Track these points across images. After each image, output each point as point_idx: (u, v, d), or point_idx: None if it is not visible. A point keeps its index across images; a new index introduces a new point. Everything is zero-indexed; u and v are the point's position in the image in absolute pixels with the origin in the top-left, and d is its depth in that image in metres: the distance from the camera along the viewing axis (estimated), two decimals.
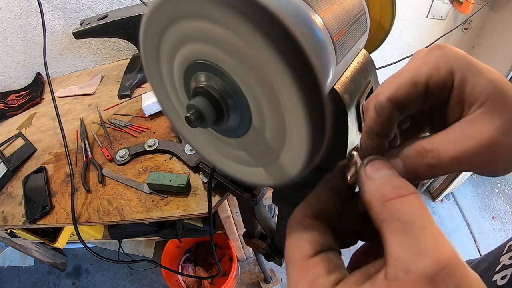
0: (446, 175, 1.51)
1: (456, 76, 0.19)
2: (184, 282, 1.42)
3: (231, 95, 0.26)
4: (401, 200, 0.17)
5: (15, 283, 1.63)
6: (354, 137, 0.34)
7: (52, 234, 1.23)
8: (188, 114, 0.26)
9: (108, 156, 0.82)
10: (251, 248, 1.02)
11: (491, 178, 1.76)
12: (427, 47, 0.23)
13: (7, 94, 1.15)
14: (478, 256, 1.44)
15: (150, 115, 0.92)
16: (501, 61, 1.16)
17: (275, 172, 0.30)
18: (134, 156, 0.81)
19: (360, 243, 0.26)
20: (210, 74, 0.26)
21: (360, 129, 0.35)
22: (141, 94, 1.00)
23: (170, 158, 0.79)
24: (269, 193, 0.47)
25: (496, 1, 1.09)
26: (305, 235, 0.20)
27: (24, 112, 1.10)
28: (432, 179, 1.50)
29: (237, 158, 0.34)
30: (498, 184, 1.79)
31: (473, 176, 1.78)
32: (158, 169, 0.78)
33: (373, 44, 0.43)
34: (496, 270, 0.41)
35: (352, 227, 0.24)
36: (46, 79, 0.92)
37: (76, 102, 1.08)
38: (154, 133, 0.88)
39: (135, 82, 1.04)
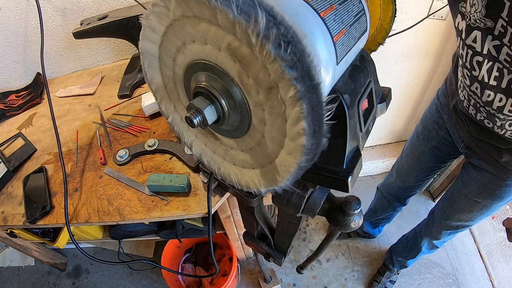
0: (446, 175, 1.51)
1: None
2: (184, 282, 1.42)
3: (231, 95, 0.26)
4: None
5: (15, 283, 1.63)
6: (353, 137, 0.34)
7: (52, 234, 1.22)
8: (188, 114, 0.26)
9: (101, 159, 0.82)
10: (251, 248, 1.01)
11: None
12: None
13: (7, 94, 1.15)
14: (480, 260, 1.42)
15: (150, 115, 0.92)
16: None
17: (271, 173, 0.30)
18: (134, 156, 0.81)
19: None
20: (210, 75, 0.26)
21: (360, 129, 0.35)
22: (141, 94, 1.00)
23: (170, 158, 0.79)
24: (269, 193, 0.46)
25: None
26: None
27: (24, 112, 1.10)
28: (431, 180, 1.50)
29: (235, 160, 0.34)
30: None
31: None
32: (158, 169, 0.78)
33: (373, 44, 0.43)
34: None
35: None
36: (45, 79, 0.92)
37: (76, 102, 1.08)
38: (154, 133, 0.88)
39: (135, 82, 1.04)
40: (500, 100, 0.55)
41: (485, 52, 0.53)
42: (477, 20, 0.50)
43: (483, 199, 0.79)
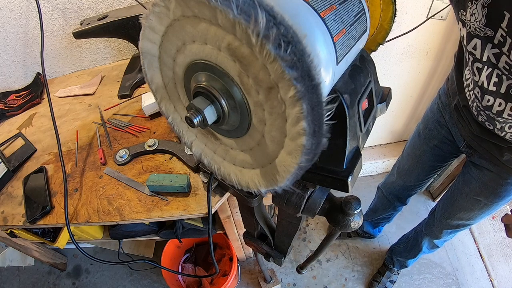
0: (446, 175, 1.51)
1: None
2: (184, 282, 1.42)
3: (231, 95, 0.26)
4: None
5: (15, 283, 1.63)
6: (353, 137, 0.34)
7: (52, 234, 1.22)
8: (188, 114, 0.26)
9: (101, 159, 0.82)
10: (251, 248, 1.02)
11: None
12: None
13: (7, 94, 1.15)
14: (480, 260, 1.43)
15: (150, 115, 0.92)
16: None
17: (271, 173, 0.30)
18: (134, 156, 0.81)
19: None
20: (210, 75, 0.26)
21: (360, 129, 0.35)
22: (141, 94, 1.00)
23: (170, 158, 0.79)
24: (269, 193, 0.47)
25: None
26: None
27: (24, 112, 1.10)
28: (432, 179, 1.50)
29: (235, 160, 0.34)
30: None
31: None
32: (158, 169, 0.78)
33: (373, 44, 0.43)
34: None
35: None
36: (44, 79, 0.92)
37: (76, 102, 1.08)
38: (154, 133, 0.88)
39: (135, 82, 1.04)
40: (500, 104, 0.56)
41: (484, 59, 0.53)
42: (477, 29, 0.50)
43: (484, 198, 0.79)
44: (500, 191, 0.74)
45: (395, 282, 1.39)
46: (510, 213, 0.70)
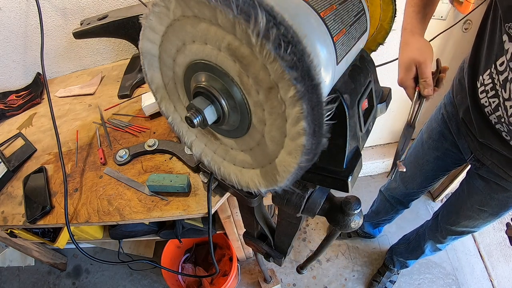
0: (446, 176, 1.50)
1: None
2: (184, 282, 1.42)
3: (231, 95, 0.26)
4: None
5: (15, 283, 1.63)
6: (353, 137, 0.34)
7: (52, 234, 1.22)
8: (188, 114, 0.26)
9: (101, 159, 0.82)
10: (251, 248, 1.01)
11: None
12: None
13: (7, 94, 1.15)
14: (480, 260, 1.41)
15: (150, 115, 0.92)
16: None
17: (271, 173, 0.30)
18: (134, 156, 0.81)
19: None
20: (210, 75, 0.26)
21: (360, 129, 0.35)
22: (141, 94, 1.00)
23: (170, 158, 0.79)
24: (269, 193, 0.46)
25: None
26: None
27: (24, 112, 1.10)
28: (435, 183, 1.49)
29: (235, 160, 0.34)
30: None
31: None
32: (158, 169, 0.78)
33: (373, 44, 0.43)
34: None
35: None
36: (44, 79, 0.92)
37: (76, 102, 1.08)
38: (154, 133, 0.88)
39: (135, 82, 1.04)
40: None
41: None
42: None
43: (490, 209, 0.78)
44: (507, 203, 0.73)
45: (395, 282, 1.39)
46: (510, 214, 0.69)
